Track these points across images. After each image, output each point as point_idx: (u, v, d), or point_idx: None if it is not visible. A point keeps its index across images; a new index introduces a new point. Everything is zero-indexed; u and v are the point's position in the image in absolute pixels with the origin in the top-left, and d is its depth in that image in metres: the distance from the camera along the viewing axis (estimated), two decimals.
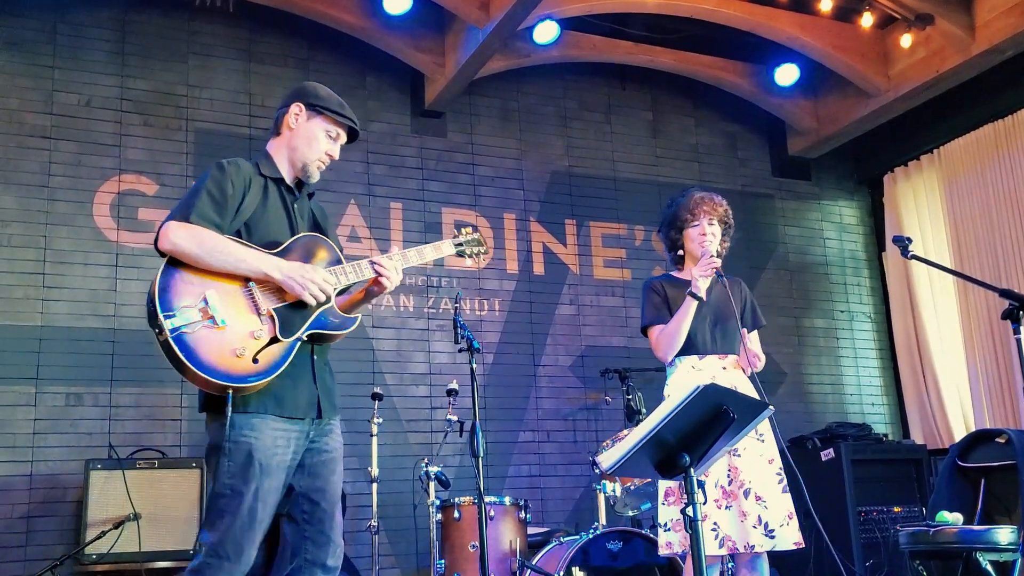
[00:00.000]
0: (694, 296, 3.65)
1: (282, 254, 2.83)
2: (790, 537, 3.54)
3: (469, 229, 3.36)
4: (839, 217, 7.96)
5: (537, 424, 6.48)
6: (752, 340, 3.91)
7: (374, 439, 5.15)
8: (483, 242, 3.37)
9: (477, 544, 4.28)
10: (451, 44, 6.29)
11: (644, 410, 5.37)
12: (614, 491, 4.81)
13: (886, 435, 6.79)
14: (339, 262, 2.93)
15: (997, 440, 4.95)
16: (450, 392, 5.08)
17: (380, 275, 2.96)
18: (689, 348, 3.73)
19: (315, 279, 2.78)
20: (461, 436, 4.96)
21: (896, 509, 6.07)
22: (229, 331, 2.64)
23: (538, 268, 6.74)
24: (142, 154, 5.81)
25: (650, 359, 3.95)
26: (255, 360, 2.65)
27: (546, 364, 6.60)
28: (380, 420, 5.19)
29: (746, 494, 3.54)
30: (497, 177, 6.78)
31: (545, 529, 5.49)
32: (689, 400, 2.54)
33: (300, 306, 2.78)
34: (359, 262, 2.94)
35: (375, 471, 5.08)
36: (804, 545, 3.57)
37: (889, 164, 7.74)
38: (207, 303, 2.64)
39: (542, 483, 6.39)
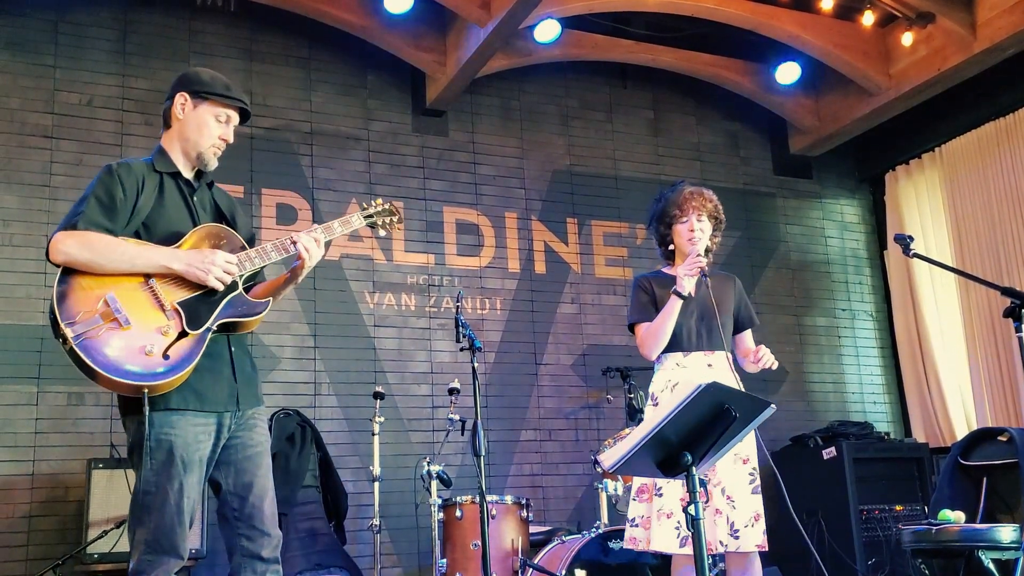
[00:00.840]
0: (679, 295, 3.64)
1: (183, 246, 2.79)
2: (754, 539, 3.52)
3: (379, 200, 3.29)
4: (841, 215, 7.96)
5: (539, 423, 6.48)
6: (746, 339, 3.90)
7: (376, 438, 5.15)
8: (395, 211, 3.29)
9: (479, 543, 4.28)
10: (452, 43, 6.29)
11: (645, 409, 5.36)
12: (616, 490, 4.82)
13: (888, 434, 6.79)
14: (243, 248, 2.88)
15: (999, 438, 4.95)
16: (452, 391, 5.08)
17: (304, 249, 2.87)
18: (674, 345, 3.71)
19: (216, 262, 2.73)
20: (463, 435, 4.96)
21: (898, 508, 6.07)
22: (135, 330, 2.61)
23: (539, 267, 6.74)
24: (144, 153, 5.76)
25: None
26: (166, 356, 2.61)
27: (548, 363, 6.60)
28: (382, 419, 5.19)
29: (722, 492, 3.54)
30: (498, 176, 6.78)
31: (547, 528, 5.49)
32: (691, 399, 2.54)
33: (207, 296, 2.74)
34: (263, 245, 2.88)
35: (377, 470, 5.09)
36: (767, 548, 3.55)
37: (890, 162, 7.74)
38: (108, 305, 2.61)
39: (544, 482, 6.39)
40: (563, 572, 4.39)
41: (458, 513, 4.71)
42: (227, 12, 6.17)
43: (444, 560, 4.72)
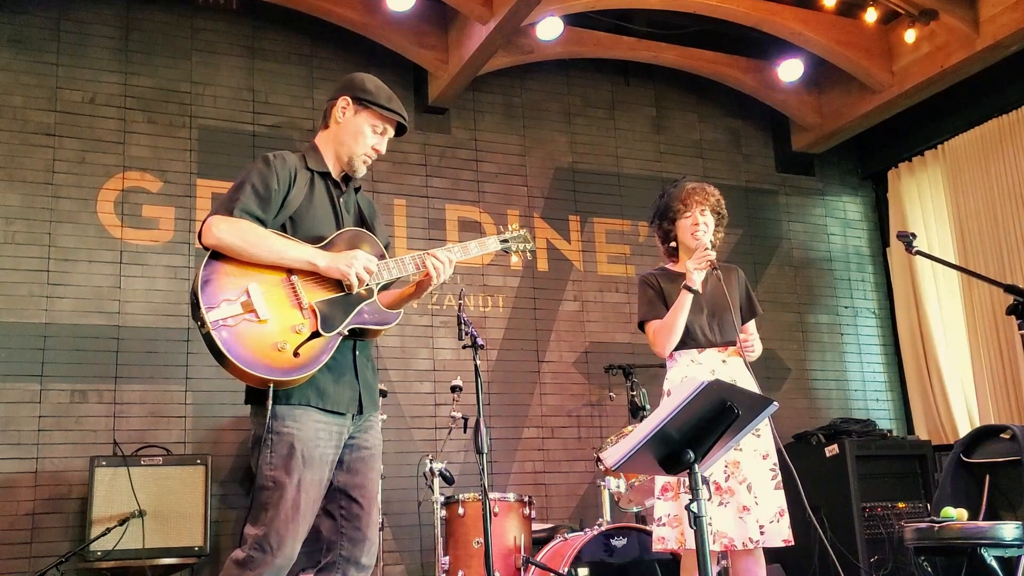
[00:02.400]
0: (689, 289, 3.63)
1: (326, 248, 2.81)
2: (779, 534, 3.52)
3: (516, 225, 3.35)
4: (843, 213, 7.95)
5: (541, 420, 6.48)
6: (749, 330, 3.89)
7: None
8: (529, 239, 3.34)
9: (481, 540, 4.28)
10: (454, 40, 6.29)
11: (648, 406, 5.37)
12: (618, 487, 4.81)
13: (890, 431, 6.78)
14: (383, 257, 2.91)
15: (1002, 436, 4.95)
16: (454, 388, 5.08)
17: (433, 267, 2.92)
18: (688, 341, 3.71)
19: (358, 258, 2.76)
20: (465, 432, 4.96)
21: (900, 505, 6.06)
22: (271, 325, 2.63)
23: (542, 264, 6.74)
24: (146, 151, 5.82)
25: (654, 355, 3.94)
26: (296, 354, 2.63)
27: (550, 360, 6.60)
28: (384, 416, 5.16)
29: (749, 489, 3.54)
30: (501, 173, 6.78)
31: (549, 525, 5.50)
32: (693, 396, 2.54)
33: (342, 301, 2.77)
34: (402, 257, 2.92)
35: (379, 468, 5.08)
36: (793, 543, 3.55)
37: (893, 159, 7.73)
38: (249, 296, 2.63)
39: (546, 479, 6.40)
40: (565, 569, 4.39)
41: (460, 510, 4.71)
42: (229, 10, 6.17)
43: (447, 557, 4.72)
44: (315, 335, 2.68)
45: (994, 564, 4.09)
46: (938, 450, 6.52)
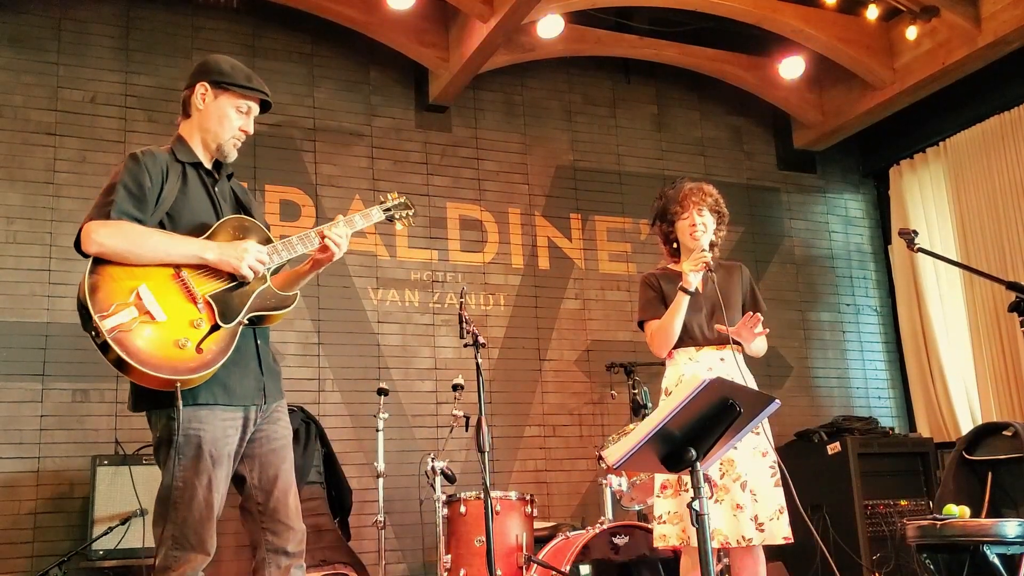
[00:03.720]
0: (685, 291, 3.63)
1: (210, 238, 2.77)
2: (779, 532, 3.52)
3: (395, 193, 3.32)
4: (845, 210, 7.95)
5: (543, 419, 6.48)
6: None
7: (380, 434, 5.14)
8: (411, 205, 3.33)
9: (483, 539, 4.28)
10: (455, 38, 6.28)
11: (650, 404, 5.36)
12: (620, 485, 4.81)
13: (892, 428, 6.78)
14: (268, 241, 2.87)
15: (1004, 433, 4.95)
16: (456, 387, 5.08)
17: (329, 244, 2.88)
18: (686, 340, 3.72)
19: (249, 251, 2.73)
20: (467, 431, 4.96)
21: (903, 502, 6.06)
22: (168, 323, 2.59)
23: (543, 263, 6.74)
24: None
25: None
26: (199, 350, 2.60)
27: (552, 359, 6.60)
28: (386, 415, 5.19)
29: (743, 487, 3.53)
30: (502, 172, 6.78)
31: (551, 523, 5.50)
32: (695, 394, 2.54)
33: (237, 289, 2.73)
34: (289, 238, 2.88)
35: (381, 466, 5.09)
36: (793, 541, 3.55)
37: (895, 157, 7.72)
38: (141, 298, 2.59)
39: (548, 477, 6.39)
40: (568, 568, 4.39)
41: (462, 509, 4.71)
42: (230, 8, 6.17)
43: (448, 556, 4.71)
44: (215, 328, 2.65)
45: (996, 561, 4.09)
46: (940, 447, 6.52)
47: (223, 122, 2.90)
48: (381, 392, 5.24)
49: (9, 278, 5.35)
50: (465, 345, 4.19)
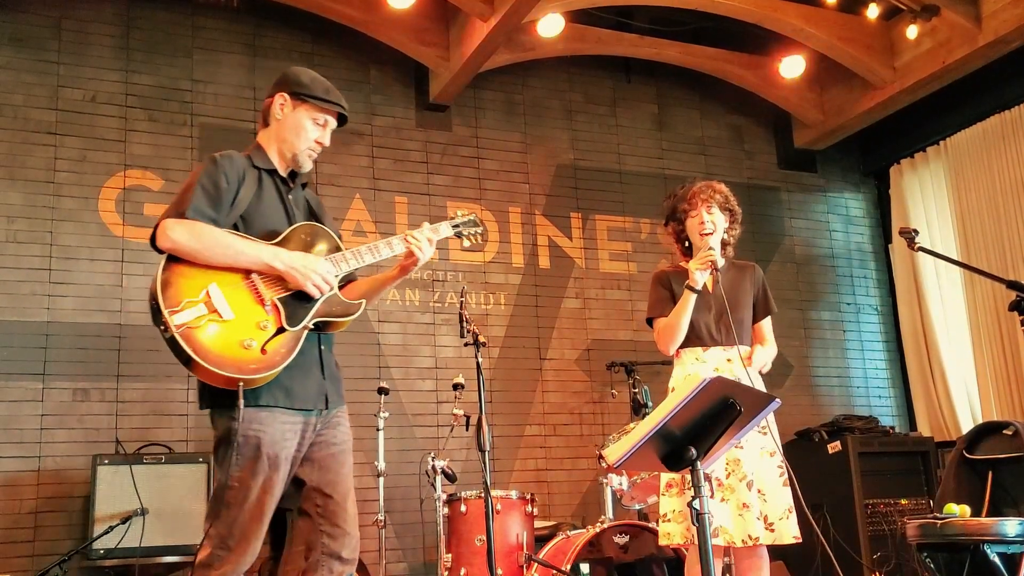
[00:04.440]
0: (691, 289, 3.63)
1: (281, 244, 2.81)
2: (788, 531, 3.52)
3: (464, 210, 3.33)
4: (845, 209, 7.94)
5: (543, 418, 6.48)
6: (763, 328, 3.88)
7: (380, 433, 5.15)
8: (479, 223, 3.32)
9: (484, 538, 4.28)
10: (455, 37, 6.28)
11: (650, 403, 5.36)
12: (621, 484, 4.81)
13: (893, 427, 6.79)
14: (338, 250, 2.91)
15: (1004, 432, 4.95)
16: (456, 386, 5.08)
17: (412, 247, 2.94)
18: (694, 340, 3.71)
19: (318, 270, 2.76)
20: (467, 430, 4.96)
21: (903, 502, 6.06)
22: (235, 323, 2.62)
23: (544, 262, 6.74)
24: (147, 149, 5.82)
25: (656, 352, 3.94)
26: (263, 351, 2.63)
27: (552, 358, 6.60)
28: (386, 414, 5.19)
29: (749, 487, 3.53)
30: (502, 171, 6.78)
31: (552, 523, 5.50)
32: (696, 393, 2.54)
33: (304, 295, 2.76)
34: (358, 248, 2.91)
35: (381, 465, 5.09)
36: (802, 540, 3.55)
37: (895, 156, 7.71)
38: (211, 296, 2.62)
39: (548, 477, 6.39)
40: (568, 567, 4.39)
41: (463, 508, 4.72)
42: (230, 8, 6.17)
43: (449, 555, 4.72)
44: (281, 330, 2.68)
45: (997, 560, 4.09)
46: (941, 447, 6.52)
47: (300, 133, 2.94)
48: (381, 391, 5.24)
49: (9, 277, 5.35)
50: (466, 344, 4.19)
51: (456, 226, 3.24)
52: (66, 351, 5.38)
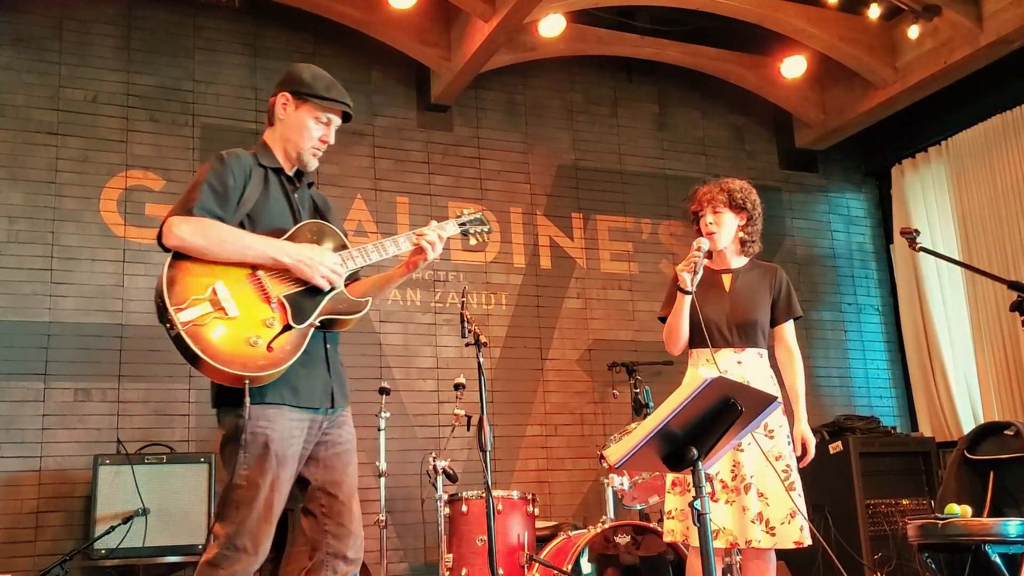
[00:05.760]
0: (681, 291, 3.61)
1: (288, 241, 2.80)
2: (791, 536, 3.51)
3: (471, 208, 3.33)
4: (846, 209, 7.94)
5: (544, 418, 6.48)
6: (785, 332, 3.86)
7: (381, 433, 5.15)
8: (486, 220, 3.30)
9: (485, 538, 4.28)
10: (457, 38, 6.28)
11: (651, 404, 5.36)
12: (622, 484, 4.81)
13: (894, 428, 6.78)
14: (344, 247, 2.90)
15: (1006, 432, 4.95)
16: (457, 386, 5.08)
17: (423, 244, 2.93)
18: (704, 340, 3.69)
19: (325, 262, 2.76)
20: (468, 430, 4.96)
21: (904, 502, 6.05)
22: (241, 320, 2.61)
23: (545, 262, 6.74)
24: (148, 150, 5.82)
25: (657, 352, 3.94)
26: (270, 348, 2.62)
27: (553, 358, 6.60)
28: (387, 414, 5.20)
29: (747, 489, 3.53)
30: (503, 171, 6.78)
31: (553, 523, 5.50)
32: (697, 393, 2.54)
33: (310, 292, 2.76)
34: (364, 246, 2.91)
35: (383, 465, 5.09)
36: (804, 545, 3.54)
37: (897, 156, 7.71)
38: (217, 294, 2.61)
39: (550, 477, 6.39)
40: (569, 567, 4.39)
41: (464, 508, 4.72)
42: (231, 8, 6.18)
43: (450, 555, 4.72)
44: (287, 328, 2.67)
45: (998, 561, 4.09)
46: (942, 447, 6.51)
47: (303, 132, 2.94)
48: (383, 391, 5.24)
49: (11, 277, 5.35)
50: (467, 344, 4.19)
51: (463, 224, 3.23)
52: (68, 351, 5.38)
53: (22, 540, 5.10)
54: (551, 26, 6.23)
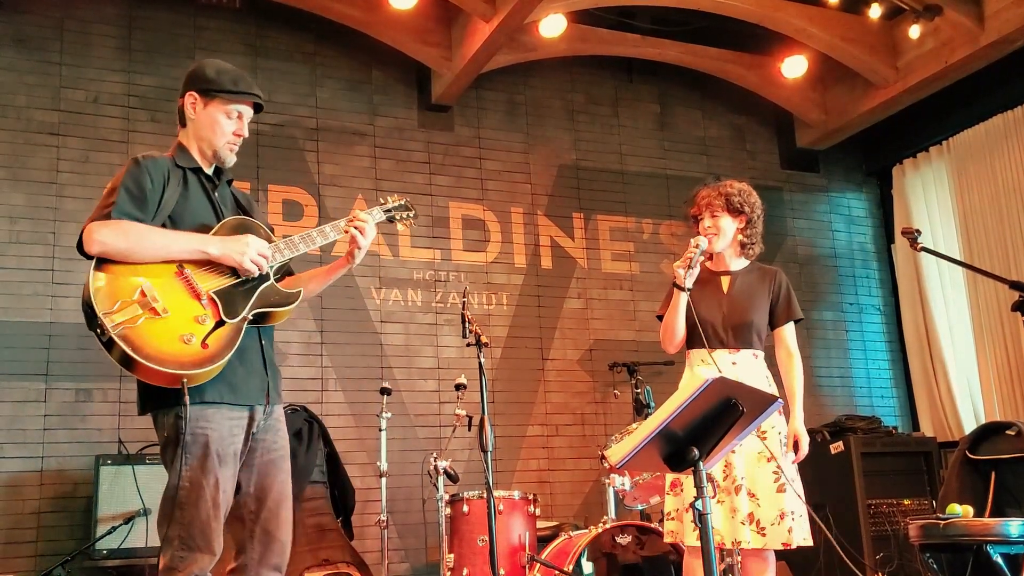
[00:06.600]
0: (677, 287, 3.61)
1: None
2: (780, 537, 3.51)
3: (395, 196, 3.30)
4: (848, 209, 7.94)
5: (545, 418, 6.48)
6: (784, 335, 3.86)
7: (383, 434, 5.15)
8: (411, 206, 3.29)
9: (486, 538, 4.28)
10: (457, 38, 6.28)
11: (652, 404, 5.36)
12: (623, 485, 4.81)
13: (896, 428, 6.77)
14: (270, 241, 2.87)
15: (1007, 432, 4.94)
16: (458, 386, 5.08)
17: (353, 231, 2.90)
18: (700, 341, 3.68)
19: (251, 245, 2.74)
20: (469, 430, 4.96)
21: (906, 502, 6.05)
22: (173, 319, 2.58)
23: (546, 262, 6.74)
24: (150, 149, 5.81)
25: (658, 353, 3.94)
26: (204, 345, 2.58)
27: (554, 358, 6.60)
28: (389, 415, 5.19)
29: (737, 491, 3.53)
30: (504, 171, 6.78)
31: (554, 523, 5.50)
32: (698, 394, 2.54)
33: (240, 286, 2.73)
34: (291, 237, 2.88)
35: (384, 466, 5.09)
36: (792, 547, 3.54)
37: (898, 156, 7.71)
38: (145, 294, 2.58)
39: (551, 477, 6.39)
40: (570, 567, 4.39)
41: (465, 508, 4.71)
42: (232, 8, 6.18)
43: (451, 555, 4.72)
44: (220, 323, 2.64)
45: (1000, 561, 4.08)
46: (943, 447, 6.51)
47: (215, 129, 2.91)
48: (384, 391, 5.24)
49: (12, 278, 5.35)
50: (468, 344, 4.19)
51: (388, 211, 3.21)
52: (69, 352, 5.38)
53: (23, 540, 5.11)
54: (552, 26, 6.23)
